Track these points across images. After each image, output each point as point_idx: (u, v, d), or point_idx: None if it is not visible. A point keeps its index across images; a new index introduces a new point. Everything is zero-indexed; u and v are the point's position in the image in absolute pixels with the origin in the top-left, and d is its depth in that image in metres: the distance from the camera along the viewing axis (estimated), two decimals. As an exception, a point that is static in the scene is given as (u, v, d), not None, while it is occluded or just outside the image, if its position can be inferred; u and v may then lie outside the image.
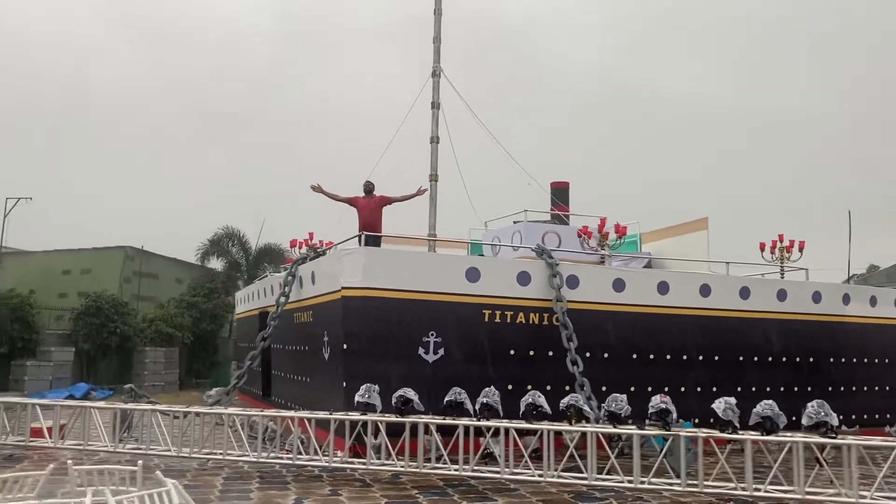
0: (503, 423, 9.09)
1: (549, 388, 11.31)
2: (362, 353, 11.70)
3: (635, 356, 13.24)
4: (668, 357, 13.45)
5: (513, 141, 17.13)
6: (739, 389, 13.66)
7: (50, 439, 10.88)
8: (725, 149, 65.71)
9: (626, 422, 9.15)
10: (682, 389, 13.02)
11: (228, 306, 28.76)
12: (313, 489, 8.93)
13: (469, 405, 9.46)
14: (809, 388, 14.37)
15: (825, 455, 8.66)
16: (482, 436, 9.34)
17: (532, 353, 12.57)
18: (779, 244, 15.62)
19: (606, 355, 12.95)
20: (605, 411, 9.11)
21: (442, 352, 12.03)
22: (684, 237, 18.07)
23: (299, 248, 17.31)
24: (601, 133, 67.31)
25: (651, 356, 13.32)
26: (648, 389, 12.65)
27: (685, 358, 13.61)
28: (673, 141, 65.75)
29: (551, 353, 12.52)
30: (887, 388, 15.57)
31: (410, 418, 9.39)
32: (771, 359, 14.31)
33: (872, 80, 65.64)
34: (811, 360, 14.70)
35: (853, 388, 15.05)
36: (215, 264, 31.85)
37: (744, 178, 62.08)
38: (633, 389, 12.26)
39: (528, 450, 8.99)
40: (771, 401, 8.37)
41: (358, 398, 9.77)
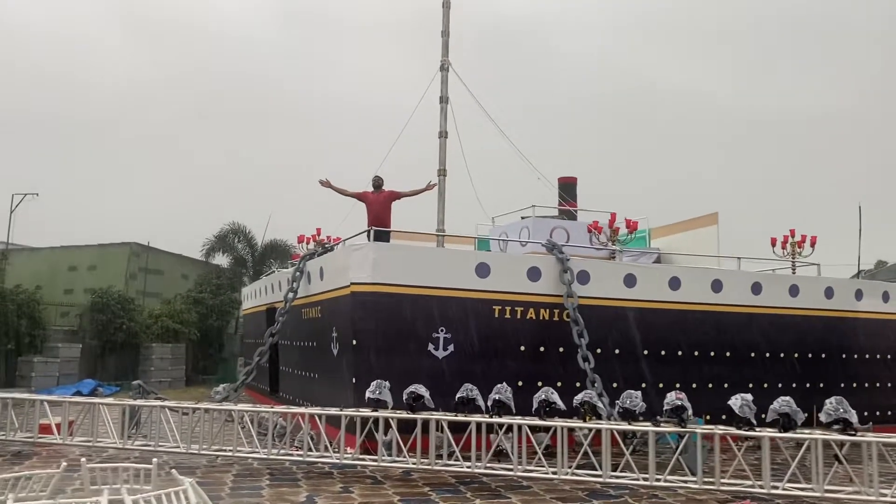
0: (516, 420, 8.99)
1: (559, 384, 11.21)
2: (371, 349, 11.62)
3: (646, 352, 13.14)
4: (679, 353, 13.33)
5: (519, 137, 17.01)
6: (751, 385, 13.58)
7: (58, 436, 10.81)
8: (733, 145, 65.46)
9: (639, 418, 9.05)
10: (693, 386, 12.94)
11: (235, 302, 28.73)
12: (324, 486, 8.84)
13: (481, 402, 9.36)
14: (821, 385, 14.27)
15: (843, 452, 8.52)
16: (493, 432, 9.25)
17: (542, 349, 12.48)
18: (790, 239, 15.50)
19: (617, 351, 12.86)
20: (619, 408, 8.99)
21: (452, 348, 11.94)
22: (694, 232, 17.90)
23: (307, 243, 17.23)
24: (608, 129, 67.10)
25: (662, 352, 13.21)
26: (660, 386, 12.62)
27: (696, 354, 13.49)
28: (681, 137, 65.50)
29: (562, 350, 12.43)
30: (900, 385, 15.45)
31: (422, 415, 9.29)
32: (783, 355, 14.19)
33: (886, 78, 65.20)
34: (823, 356, 14.57)
35: (865, 385, 14.91)
36: (220, 260, 31.83)
37: (752, 174, 61.79)
38: (644, 386, 12.23)
39: (542, 446, 8.89)
40: (788, 397, 8.25)
41: (369, 394, 9.68)
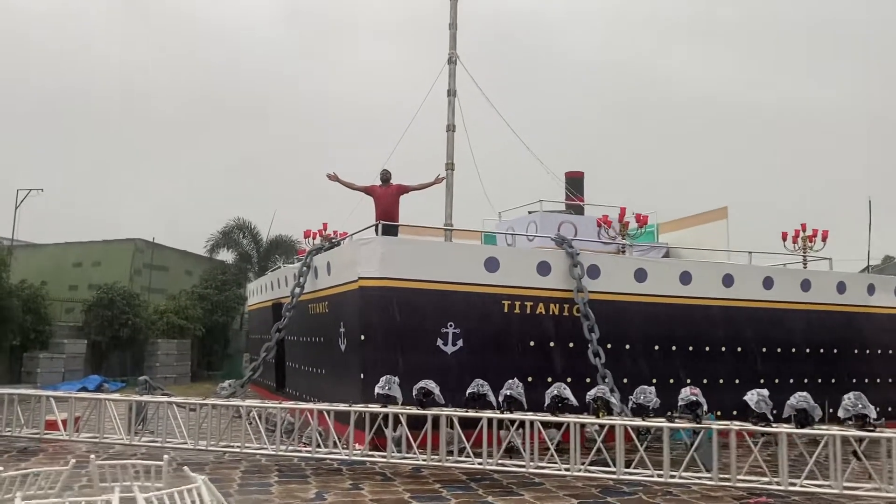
0: (528, 416, 8.87)
1: (569, 380, 11.04)
2: (380, 345, 11.50)
3: (657, 347, 13.01)
4: (690, 348, 13.20)
5: (525, 132, 16.87)
6: (762, 381, 13.43)
7: (65, 432, 10.72)
8: (741, 140, 65.05)
9: (650, 414, 8.92)
10: (704, 381, 12.79)
11: (240, 298, 28.65)
12: (333, 483, 8.74)
13: (492, 397, 9.24)
14: (833, 380, 14.13)
15: (861, 448, 8.38)
16: (503, 429, 9.13)
17: (552, 344, 12.35)
18: (801, 234, 15.33)
19: (628, 347, 12.73)
20: (632, 403, 8.87)
21: (461, 343, 11.82)
22: (703, 227, 17.76)
23: (313, 238, 17.11)
24: (614, 125, 66.85)
25: (673, 347, 13.08)
26: (670, 381, 12.48)
27: (708, 349, 13.36)
28: (687, 132, 65.19)
29: (572, 345, 12.30)
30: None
31: (432, 411, 9.18)
32: (794, 350, 14.05)
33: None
34: (835, 351, 14.43)
35: (877, 380, 14.75)
36: (225, 256, 31.78)
37: (759, 169, 61.48)
38: (654, 381, 12.09)
39: (554, 443, 8.76)
40: (805, 393, 8.11)
41: (378, 390, 9.56)
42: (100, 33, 70.48)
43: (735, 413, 11.26)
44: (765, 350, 13.81)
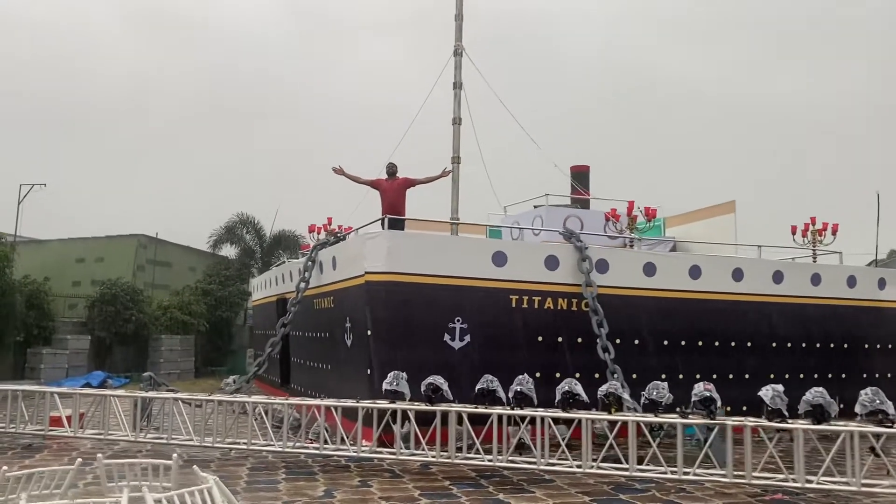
0: (539, 412, 8.74)
1: (577, 375, 10.93)
2: (387, 340, 11.39)
3: (666, 342, 12.88)
4: (700, 343, 13.07)
5: (529, 127, 16.71)
6: (772, 376, 13.31)
7: (69, 428, 10.61)
8: (746, 135, 64.73)
9: (660, 410, 8.78)
10: (713, 376, 12.65)
11: (243, 294, 28.54)
12: (342, 480, 8.63)
13: (502, 393, 9.11)
14: (844, 375, 14.01)
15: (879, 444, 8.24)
16: (510, 424, 9.00)
17: (560, 339, 12.23)
18: (811, 227, 15.17)
19: (637, 342, 12.60)
20: (645, 399, 8.73)
21: (468, 338, 11.70)
22: (711, 221, 17.60)
23: (318, 233, 16.97)
24: (619, 119, 66.53)
25: (682, 342, 12.95)
26: (680, 377, 12.34)
27: (717, 344, 13.23)
28: (692, 127, 64.86)
29: (580, 340, 12.18)
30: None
31: (441, 406, 9.05)
32: (805, 345, 13.91)
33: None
34: (845, 345, 14.29)
35: (889, 375, 14.62)
36: (228, 251, 31.64)
37: (764, 164, 61.17)
38: (664, 376, 11.95)
39: (565, 440, 8.63)
40: (821, 388, 7.97)
41: (386, 386, 9.43)
42: (103, 34, 70.30)
43: (745, 409, 11.16)
44: (774, 345, 13.68)
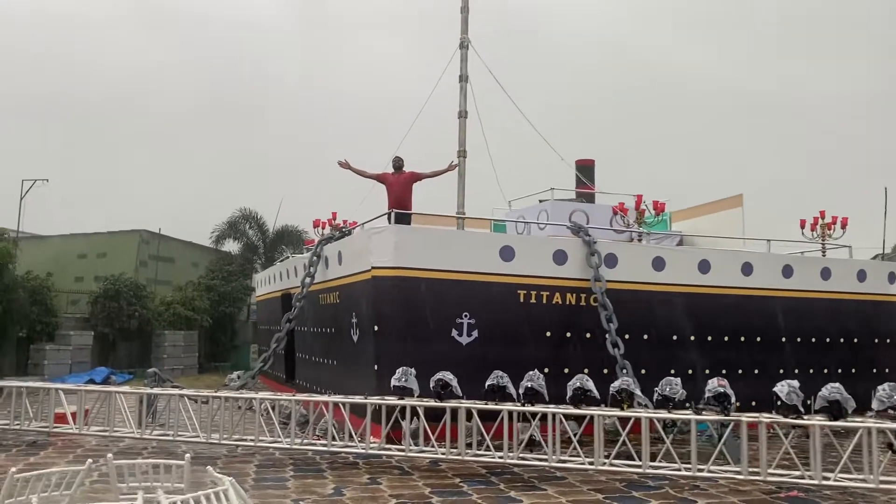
0: (550, 409, 8.63)
1: (586, 370, 10.81)
2: (393, 335, 11.27)
3: (675, 338, 12.76)
4: (709, 338, 12.95)
5: (534, 120, 16.57)
6: (781, 371, 13.21)
7: (74, 425, 10.52)
8: (753, 128, 64.40)
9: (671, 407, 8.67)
10: (722, 372, 12.53)
11: (247, 289, 28.45)
12: (350, 477, 8.53)
13: (512, 389, 9.00)
14: (854, 370, 13.88)
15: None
16: (520, 421, 8.90)
17: (568, 334, 12.11)
18: (820, 221, 15.03)
19: (646, 337, 12.48)
20: (657, 395, 8.62)
21: (476, 334, 11.58)
22: (718, 215, 17.46)
23: (322, 228, 16.84)
24: (623, 113, 66.23)
25: (692, 338, 12.83)
26: (689, 372, 12.23)
27: (726, 339, 13.10)
28: (698, 121, 64.59)
29: (589, 335, 12.06)
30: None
31: (451, 403, 8.95)
32: (814, 339, 13.79)
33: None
34: (855, 340, 14.17)
35: (898, 370, 14.49)
36: (231, 247, 31.53)
37: (770, 158, 60.89)
38: (673, 372, 11.84)
39: (577, 436, 8.53)
40: (838, 384, 7.86)
41: (394, 382, 9.33)
42: (104, 29, 70.07)
43: (754, 404, 11.04)
44: (784, 339, 13.56)
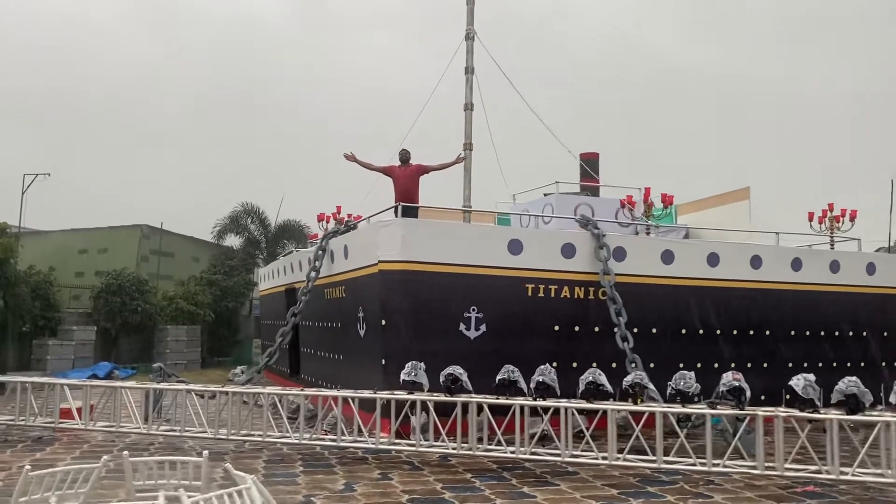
0: (562, 403, 8.54)
1: (594, 364, 10.72)
2: (401, 330, 11.18)
3: (684, 331, 12.67)
4: (717, 332, 12.86)
5: (537, 113, 16.43)
6: (790, 365, 13.13)
7: (80, 421, 10.43)
8: (757, 122, 64.18)
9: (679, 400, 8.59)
10: (731, 365, 12.44)
11: (249, 283, 28.34)
12: (361, 472, 8.45)
13: (523, 384, 8.90)
14: (862, 364, 13.79)
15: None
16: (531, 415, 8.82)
17: (577, 328, 12.02)
18: (829, 214, 14.92)
19: (654, 331, 12.38)
20: (671, 389, 8.52)
21: (484, 328, 11.49)
22: (724, 208, 17.34)
23: (326, 222, 16.74)
24: (627, 106, 65.99)
25: (700, 331, 12.74)
26: (698, 366, 12.12)
27: (735, 333, 13.01)
28: (702, 115, 64.35)
29: (597, 329, 11.97)
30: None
31: (462, 397, 8.85)
32: (823, 333, 13.70)
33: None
34: (864, 333, 14.08)
35: (906, 364, 14.41)
36: (233, 241, 31.42)
37: (768, 154, 60.72)
38: (682, 366, 11.75)
39: (590, 430, 8.43)
40: (855, 377, 7.76)
41: (404, 376, 9.24)
42: (105, 24, 69.79)
43: (763, 398, 10.95)
44: (793, 333, 13.47)
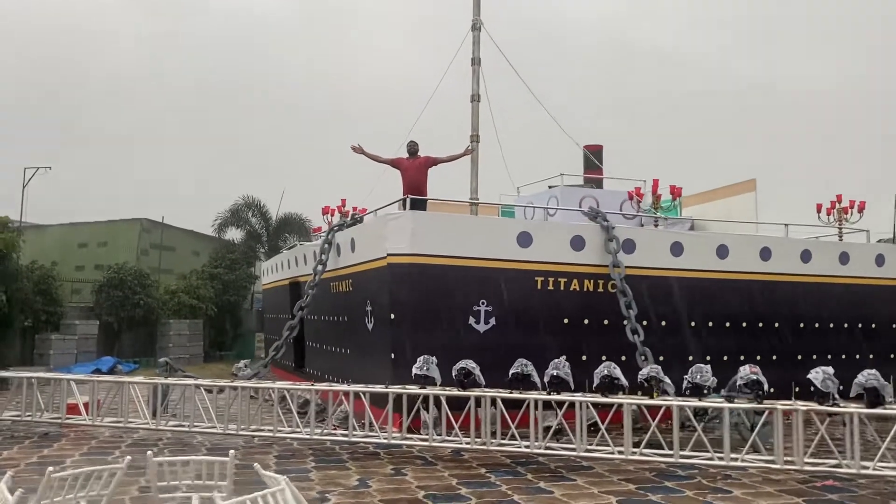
0: (577, 397, 8.45)
1: (604, 358, 10.65)
2: (410, 324, 11.08)
3: (693, 324, 12.59)
4: (727, 324, 12.78)
5: (538, 105, 16.31)
6: (799, 358, 13.09)
7: (87, 416, 10.34)
8: (759, 115, 63.92)
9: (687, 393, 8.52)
10: (741, 358, 12.38)
11: (251, 277, 28.21)
12: (374, 468, 8.36)
13: (536, 378, 8.82)
14: (871, 356, 13.72)
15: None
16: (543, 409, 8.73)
17: (586, 321, 11.93)
18: (837, 205, 14.84)
19: (664, 323, 12.30)
20: (687, 383, 8.44)
21: (493, 321, 11.39)
22: (730, 200, 17.23)
23: (331, 215, 16.61)
24: (630, 99, 65.70)
25: (710, 324, 12.66)
26: (707, 358, 12.04)
27: (744, 325, 12.94)
28: (704, 108, 64.05)
29: (606, 322, 11.88)
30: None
31: (475, 392, 8.77)
32: (832, 325, 13.64)
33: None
34: (873, 325, 14.02)
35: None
36: (234, 234, 31.25)
37: (769, 147, 60.52)
38: (691, 358, 11.69)
39: (605, 424, 8.35)
40: (874, 370, 7.68)
41: (416, 371, 9.15)
42: (105, 17, 69.32)
43: (773, 391, 10.88)
44: (802, 325, 13.40)
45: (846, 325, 13.77)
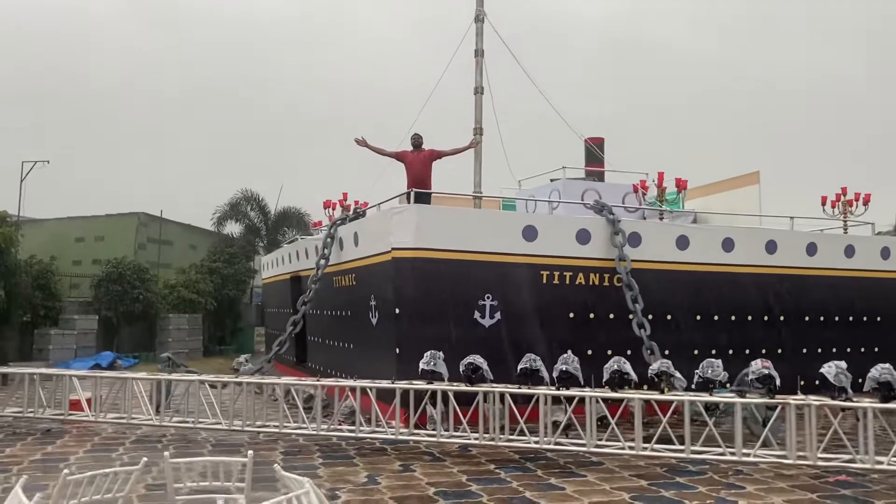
0: (587, 392, 8.37)
1: (609, 352, 10.58)
2: (415, 318, 10.98)
3: (699, 317, 12.52)
4: (732, 318, 12.72)
5: (540, 98, 16.17)
6: (805, 351, 13.07)
7: (90, 412, 10.24)
8: (761, 108, 63.82)
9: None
10: (746, 352, 12.35)
11: (250, 271, 28.08)
12: (382, 464, 8.28)
13: (545, 373, 8.74)
14: (877, 350, 13.68)
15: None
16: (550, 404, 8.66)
17: (592, 315, 11.85)
18: (842, 198, 14.77)
19: (669, 317, 12.24)
20: (698, 377, 8.38)
21: (498, 315, 11.31)
22: (732, 193, 17.15)
23: (332, 209, 16.49)
24: (631, 93, 65.49)
25: (715, 317, 12.60)
26: (712, 352, 11.98)
27: (750, 318, 12.88)
28: (706, 102, 63.95)
29: (612, 316, 11.81)
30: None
31: (483, 387, 8.69)
32: (837, 318, 13.59)
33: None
34: (879, 319, 13.97)
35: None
36: (232, 228, 31.13)
37: (768, 142, 60.47)
38: (696, 353, 11.64)
39: (615, 419, 8.28)
40: (889, 364, 7.62)
41: (423, 366, 9.06)
42: (104, 10, 68.82)
43: (778, 385, 10.84)
44: (807, 319, 13.35)
45: (851, 319, 13.71)
